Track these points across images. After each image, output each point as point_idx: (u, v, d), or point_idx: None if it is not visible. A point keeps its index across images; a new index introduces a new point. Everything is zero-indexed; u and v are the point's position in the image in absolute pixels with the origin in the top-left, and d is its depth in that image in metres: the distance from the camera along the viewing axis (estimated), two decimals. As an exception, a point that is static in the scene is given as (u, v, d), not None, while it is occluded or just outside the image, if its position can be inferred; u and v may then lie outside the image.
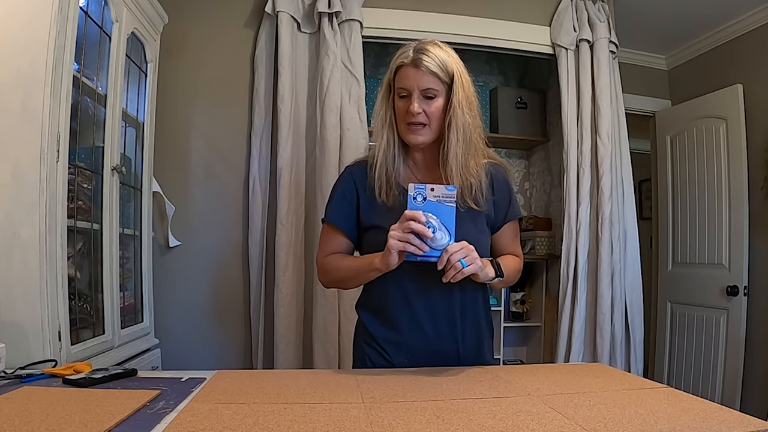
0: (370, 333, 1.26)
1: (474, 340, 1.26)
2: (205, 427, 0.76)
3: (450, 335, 1.23)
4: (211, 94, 2.28)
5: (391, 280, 1.19)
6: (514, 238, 1.33)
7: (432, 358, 1.22)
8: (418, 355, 1.22)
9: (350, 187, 1.28)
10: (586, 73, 2.45)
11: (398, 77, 1.19)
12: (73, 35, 1.34)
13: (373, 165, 1.24)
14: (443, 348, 1.23)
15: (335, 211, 1.28)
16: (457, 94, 1.17)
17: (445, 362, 1.22)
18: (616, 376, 1.18)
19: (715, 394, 2.78)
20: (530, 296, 3.10)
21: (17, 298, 1.22)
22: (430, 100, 1.17)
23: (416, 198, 1.06)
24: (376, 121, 1.25)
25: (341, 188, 1.29)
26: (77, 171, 1.48)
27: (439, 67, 1.15)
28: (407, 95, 1.17)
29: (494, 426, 0.78)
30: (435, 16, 2.41)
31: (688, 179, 3.08)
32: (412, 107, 1.16)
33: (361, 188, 1.27)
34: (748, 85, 2.77)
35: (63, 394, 0.92)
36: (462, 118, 1.17)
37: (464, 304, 1.24)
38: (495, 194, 1.27)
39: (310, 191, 2.21)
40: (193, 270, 2.23)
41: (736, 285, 2.73)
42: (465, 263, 1.05)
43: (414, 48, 1.18)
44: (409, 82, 1.16)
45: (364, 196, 1.26)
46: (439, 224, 1.06)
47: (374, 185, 1.23)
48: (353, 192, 1.27)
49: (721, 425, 0.79)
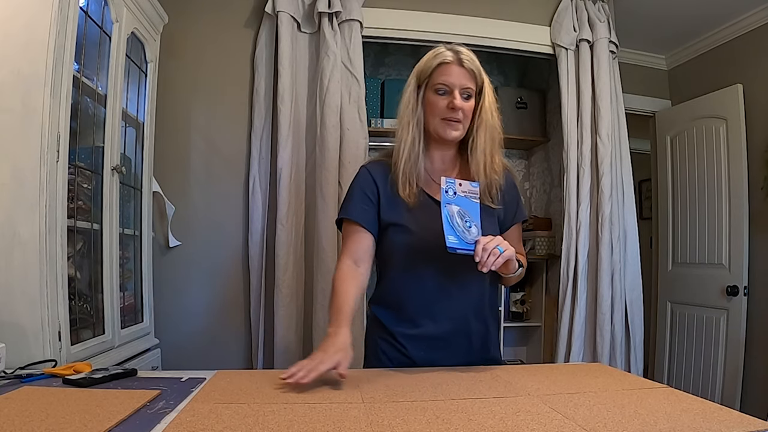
0: (385, 327, 1.28)
1: (485, 334, 1.30)
2: (205, 427, 0.76)
3: (464, 329, 1.26)
4: (211, 95, 2.28)
5: (412, 278, 1.23)
6: (518, 238, 1.38)
7: (446, 351, 1.25)
8: (434, 348, 1.25)
9: (371, 185, 1.29)
10: (586, 73, 2.45)
11: (438, 74, 1.22)
12: (73, 35, 1.34)
13: (397, 161, 1.25)
14: (457, 341, 1.26)
15: (357, 209, 1.27)
16: (488, 96, 1.26)
17: (458, 355, 1.26)
18: (616, 376, 1.18)
19: (715, 394, 2.78)
20: (530, 296, 3.10)
21: (17, 298, 1.22)
22: (466, 99, 1.23)
23: (448, 192, 1.13)
24: (403, 118, 1.26)
25: (361, 186, 1.30)
26: (77, 171, 1.48)
27: (477, 69, 1.23)
28: (447, 92, 1.22)
29: (494, 426, 0.78)
30: (435, 16, 2.41)
31: (688, 179, 3.08)
32: (455, 102, 1.20)
33: (382, 187, 1.28)
34: (748, 85, 2.77)
35: (63, 394, 0.92)
36: (491, 119, 1.26)
37: (480, 300, 1.28)
38: (505, 197, 1.32)
39: (310, 191, 2.21)
40: (193, 270, 2.23)
41: (736, 285, 2.73)
42: (501, 249, 1.10)
43: (451, 48, 1.24)
44: (452, 79, 1.21)
45: (384, 195, 1.28)
46: (475, 222, 1.13)
47: (397, 181, 1.25)
48: (374, 190, 1.28)
49: (721, 425, 0.79)
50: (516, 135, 2.97)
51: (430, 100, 1.23)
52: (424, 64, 1.26)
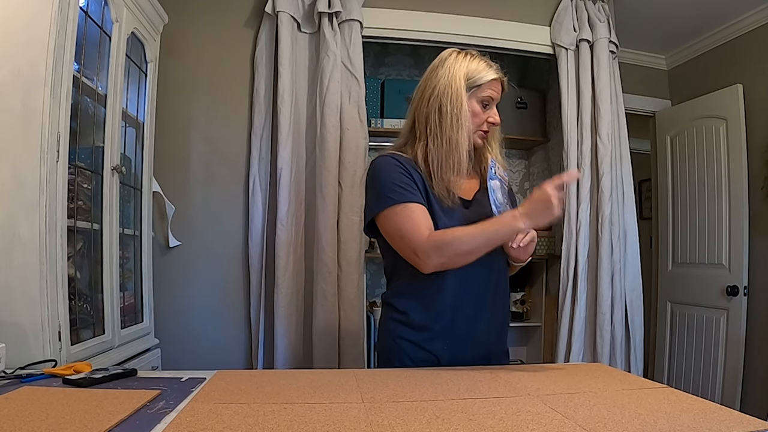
0: (406, 323, 1.27)
1: (500, 326, 1.33)
2: (205, 427, 0.75)
3: (483, 321, 1.28)
4: (211, 94, 2.28)
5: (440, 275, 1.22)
6: None
7: (467, 345, 1.27)
8: (456, 342, 1.26)
9: (408, 172, 1.24)
10: (586, 73, 2.45)
11: (489, 87, 1.29)
12: (73, 35, 1.33)
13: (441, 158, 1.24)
14: (476, 334, 1.28)
15: (408, 191, 1.21)
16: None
17: (477, 348, 1.28)
18: (616, 376, 1.18)
19: (715, 394, 2.78)
20: (530, 296, 3.10)
21: (17, 298, 1.22)
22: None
23: (492, 169, 1.27)
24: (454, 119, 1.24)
25: (399, 173, 1.23)
26: (77, 171, 1.48)
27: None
28: (490, 105, 1.31)
29: (494, 426, 0.78)
30: (435, 16, 2.41)
31: (688, 179, 3.08)
32: (497, 118, 1.32)
33: (417, 178, 1.24)
34: (748, 85, 2.77)
35: (63, 394, 0.92)
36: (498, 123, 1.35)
37: (497, 291, 1.30)
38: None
39: (310, 191, 2.21)
40: (193, 270, 2.23)
41: (736, 285, 2.73)
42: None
43: (487, 62, 1.31)
44: (496, 95, 1.32)
45: (421, 187, 1.25)
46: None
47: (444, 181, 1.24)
48: (413, 177, 1.24)
49: (721, 425, 0.79)
50: (516, 135, 2.97)
51: (475, 110, 1.29)
52: (475, 73, 1.27)
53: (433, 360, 1.26)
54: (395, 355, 1.28)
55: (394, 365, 1.27)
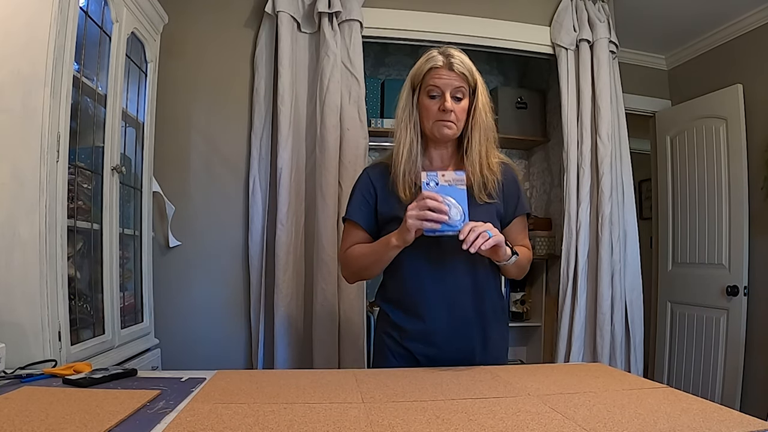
0: (391, 323, 1.34)
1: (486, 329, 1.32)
2: (205, 427, 0.76)
3: (462, 325, 1.29)
4: (211, 94, 2.28)
5: (410, 271, 1.28)
6: (522, 231, 1.42)
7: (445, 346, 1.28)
8: (432, 345, 1.28)
9: (368, 187, 1.37)
10: (586, 73, 2.44)
11: (430, 78, 1.27)
12: (73, 35, 1.33)
13: (397, 162, 1.31)
14: (454, 337, 1.28)
15: (355, 209, 1.37)
16: (481, 96, 1.30)
17: (458, 351, 1.28)
18: (616, 376, 1.18)
19: (715, 394, 2.78)
20: (530, 296, 3.10)
21: (17, 298, 1.22)
22: (458, 100, 1.28)
23: (429, 184, 1.16)
24: (400, 121, 1.32)
25: (360, 189, 1.39)
26: (77, 171, 1.48)
27: (468, 71, 1.27)
28: (438, 95, 1.27)
29: (494, 426, 0.78)
30: (435, 16, 2.41)
31: (688, 179, 3.08)
32: (446, 104, 1.25)
33: (379, 187, 1.36)
34: (748, 85, 2.77)
35: (63, 394, 0.92)
36: (485, 120, 1.30)
37: (478, 294, 1.30)
38: (505, 191, 1.36)
39: (310, 191, 2.21)
40: (193, 270, 2.23)
41: (736, 285, 2.73)
42: (491, 233, 1.14)
43: (442, 52, 1.28)
44: (443, 83, 1.26)
45: (382, 194, 1.35)
46: (454, 204, 1.15)
47: (397, 181, 1.30)
48: (371, 192, 1.36)
49: (721, 425, 0.79)
50: (516, 135, 2.97)
51: (424, 104, 1.29)
52: (417, 69, 1.31)
53: (410, 357, 1.31)
54: (379, 349, 1.37)
55: (377, 358, 1.37)
